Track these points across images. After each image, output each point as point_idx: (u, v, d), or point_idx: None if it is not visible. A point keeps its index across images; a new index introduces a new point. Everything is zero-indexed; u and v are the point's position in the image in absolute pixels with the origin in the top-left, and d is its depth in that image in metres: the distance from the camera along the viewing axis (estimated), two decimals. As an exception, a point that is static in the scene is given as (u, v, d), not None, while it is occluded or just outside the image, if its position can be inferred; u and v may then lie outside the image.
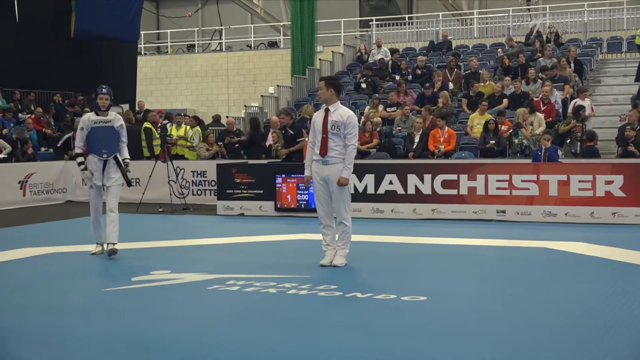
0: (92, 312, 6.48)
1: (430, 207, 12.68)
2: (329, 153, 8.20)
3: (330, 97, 8.28)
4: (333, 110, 8.27)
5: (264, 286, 7.31)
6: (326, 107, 8.30)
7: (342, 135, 8.18)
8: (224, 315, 6.32)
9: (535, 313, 6.15)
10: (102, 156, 9.23)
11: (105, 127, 9.23)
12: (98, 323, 6.07)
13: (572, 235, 10.54)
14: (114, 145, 9.28)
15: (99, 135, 9.22)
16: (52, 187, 16.77)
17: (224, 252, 9.87)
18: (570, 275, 7.84)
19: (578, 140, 15.03)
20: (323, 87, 8.32)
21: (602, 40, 21.92)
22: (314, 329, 5.79)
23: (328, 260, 8.33)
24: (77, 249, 10.03)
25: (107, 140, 9.24)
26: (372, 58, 22.72)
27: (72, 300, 6.97)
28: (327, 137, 8.19)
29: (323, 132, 8.24)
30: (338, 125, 8.19)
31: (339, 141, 8.20)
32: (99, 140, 9.22)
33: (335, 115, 8.23)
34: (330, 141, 8.19)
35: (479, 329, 5.70)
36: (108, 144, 9.26)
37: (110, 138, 9.25)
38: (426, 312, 6.30)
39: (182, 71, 29.43)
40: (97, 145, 9.24)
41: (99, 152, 9.24)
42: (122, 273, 8.24)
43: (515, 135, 15.02)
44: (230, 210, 13.78)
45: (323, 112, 8.31)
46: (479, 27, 26.31)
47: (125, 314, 6.40)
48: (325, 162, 8.23)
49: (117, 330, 5.82)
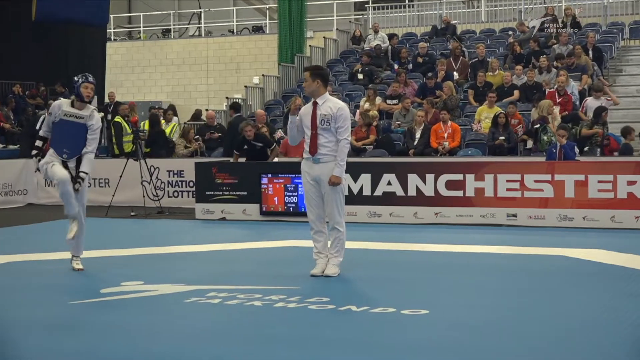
0: (56, 327, 6.48)
1: (433, 210, 12.71)
2: (320, 150, 8.21)
3: (317, 88, 8.28)
4: (321, 103, 8.28)
5: (248, 298, 7.31)
6: (314, 100, 8.32)
7: (333, 130, 8.21)
8: (203, 330, 6.32)
9: (550, 328, 6.17)
10: (61, 156, 8.71)
11: (75, 124, 8.67)
12: (63, 340, 6.07)
13: (590, 242, 10.59)
14: (78, 146, 8.71)
15: (64, 130, 8.68)
16: (10, 188, 16.72)
17: (203, 260, 9.88)
18: (589, 286, 7.87)
19: (599, 145, 14.99)
20: (308, 78, 8.31)
21: (623, 25, 21.98)
22: (304, 346, 5.81)
23: (319, 269, 8.35)
24: (39, 257, 10.02)
25: (72, 138, 8.69)
26: (368, 44, 22.75)
27: (34, 314, 6.96)
28: (317, 133, 8.21)
29: (312, 127, 8.25)
30: (328, 119, 8.20)
31: (331, 137, 8.22)
32: (63, 136, 8.72)
33: (324, 108, 8.25)
34: (321, 137, 8.21)
35: (486, 346, 5.72)
36: (73, 144, 8.70)
37: (78, 137, 8.69)
38: (428, 327, 6.32)
39: (157, 59, 29.39)
40: (59, 142, 8.74)
41: (60, 150, 8.72)
42: (90, 284, 8.24)
43: (543, 130, 14.94)
44: (210, 214, 13.78)
45: (311, 106, 8.32)
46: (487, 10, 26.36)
47: (93, 329, 6.39)
48: (317, 161, 8.25)
49: (84, 348, 5.82)
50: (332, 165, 8.21)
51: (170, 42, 30.22)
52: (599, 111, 15.34)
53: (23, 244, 11.43)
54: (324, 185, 8.27)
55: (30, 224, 13.60)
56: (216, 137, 17.34)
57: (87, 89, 8.64)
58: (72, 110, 8.70)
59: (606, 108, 15.62)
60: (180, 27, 33.12)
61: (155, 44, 30.07)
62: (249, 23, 31.36)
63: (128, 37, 33.12)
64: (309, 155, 8.31)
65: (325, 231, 8.41)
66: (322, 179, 8.26)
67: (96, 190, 15.95)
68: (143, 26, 32.20)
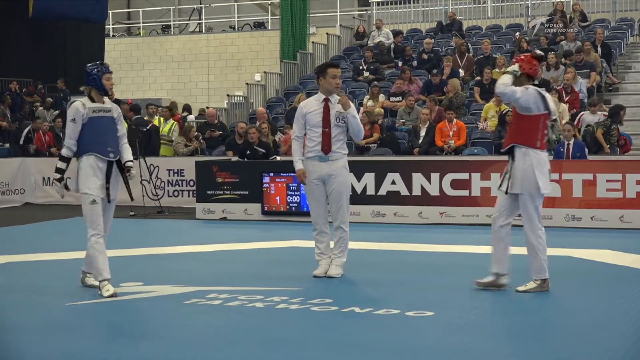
0: (54, 329, 6.48)
1: (438, 210, 12.70)
2: (333, 148, 8.29)
3: None
4: (334, 100, 8.37)
5: (249, 300, 7.32)
6: (326, 98, 8.37)
7: (345, 128, 8.34)
8: (203, 333, 6.33)
9: (556, 329, 6.17)
10: (108, 156, 7.80)
11: (106, 118, 7.85)
12: (60, 342, 6.07)
13: (598, 242, 10.58)
14: (117, 142, 7.92)
15: (99, 127, 7.79)
16: (7, 187, 16.74)
17: (204, 261, 9.88)
18: (597, 288, 7.87)
19: (617, 145, 14.89)
20: (338, 75, 8.41)
21: (633, 21, 21.95)
22: (307, 349, 5.81)
23: (322, 270, 8.34)
24: (37, 257, 10.03)
25: (110, 134, 7.87)
26: (371, 41, 22.75)
27: (31, 316, 6.96)
28: (330, 131, 8.28)
29: (324, 125, 8.29)
30: (343, 116, 8.31)
31: (342, 134, 8.35)
32: (101, 134, 7.79)
33: (338, 106, 8.34)
34: (334, 134, 8.28)
35: (492, 349, 5.72)
36: (113, 140, 7.87)
37: (113, 132, 7.91)
38: (433, 329, 6.32)
39: (156, 56, 29.40)
40: (99, 142, 7.78)
41: (104, 151, 7.77)
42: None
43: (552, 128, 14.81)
44: (211, 213, 13.79)
45: (321, 103, 8.36)
46: (494, 5, 26.33)
47: (90, 332, 6.40)
48: (326, 159, 8.30)
49: (81, 351, 5.82)
50: (341, 162, 8.32)
51: (170, 38, 30.22)
52: (617, 110, 15.11)
53: (20, 244, 11.44)
54: (330, 184, 8.27)
55: (28, 223, 13.61)
56: (217, 135, 17.34)
57: (109, 80, 7.89)
58: (98, 105, 7.86)
59: (623, 106, 15.44)
60: (180, 23, 33.12)
61: (154, 41, 30.08)
62: (250, 19, 31.35)
63: (127, 34, 33.15)
64: (318, 153, 8.31)
65: (328, 231, 8.40)
66: (331, 176, 8.27)
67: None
68: (142, 22, 32.20)
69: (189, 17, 32.67)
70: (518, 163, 7.53)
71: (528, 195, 7.48)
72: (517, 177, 7.49)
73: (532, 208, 7.50)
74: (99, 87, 7.81)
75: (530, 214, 7.50)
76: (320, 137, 8.28)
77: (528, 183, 7.46)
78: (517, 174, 7.50)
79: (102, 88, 7.81)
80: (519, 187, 7.48)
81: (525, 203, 7.50)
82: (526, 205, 7.50)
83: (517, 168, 7.51)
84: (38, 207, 16.35)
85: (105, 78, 7.80)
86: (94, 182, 7.72)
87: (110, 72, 7.91)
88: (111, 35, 30.32)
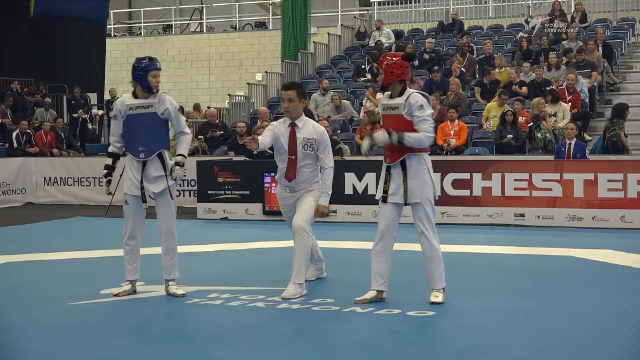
0: (56, 329, 6.49)
1: (439, 210, 12.64)
2: (299, 177, 7.61)
3: (301, 110, 7.64)
4: (301, 125, 7.58)
5: (250, 300, 7.33)
6: (292, 122, 7.59)
7: (314, 156, 7.60)
8: (204, 332, 6.34)
9: (557, 329, 6.18)
10: (138, 156, 7.57)
11: (145, 115, 7.51)
12: (61, 341, 6.08)
13: (600, 242, 10.59)
14: (156, 140, 7.55)
15: (134, 125, 7.53)
16: (9, 187, 16.74)
17: (205, 261, 9.89)
18: (599, 288, 7.87)
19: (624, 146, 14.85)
20: (295, 97, 7.50)
21: (634, 21, 21.95)
22: (308, 348, 5.82)
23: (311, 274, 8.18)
24: (38, 257, 10.04)
25: (146, 132, 7.52)
26: (373, 41, 22.77)
27: (34, 315, 6.97)
28: (297, 159, 7.57)
29: (290, 152, 7.56)
30: (311, 144, 7.54)
31: (311, 163, 7.61)
32: (134, 133, 7.55)
33: (305, 131, 7.56)
34: (300, 163, 7.57)
35: (493, 348, 5.73)
36: (147, 139, 7.52)
37: (152, 129, 7.53)
38: (435, 329, 6.33)
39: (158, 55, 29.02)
40: (131, 141, 7.58)
41: (135, 151, 7.56)
42: (90, 285, 8.25)
43: (537, 128, 15.01)
44: (212, 213, 13.79)
45: (288, 127, 7.60)
46: (495, 5, 26.33)
47: (93, 331, 6.41)
48: (292, 190, 7.71)
49: (84, 350, 5.83)
50: (310, 193, 7.64)
51: (171, 38, 30.23)
52: (621, 108, 15.05)
53: (21, 244, 11.44)
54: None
55: (29, 223, 13.62)
56: (218, 135, 17.35)
57: (156, 77, 7.46)
58: (137, 102, 7.51)
59: (627, 105, 15.38)
60: (181, 22, 33.13)
61: (156, 40, 30.09)
62: (251, 19, 31.38)
63: (128, 33, 33.16)
64: (283, 180, 7.74)
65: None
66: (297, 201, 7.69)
67: (96, 189, 16.00)
68: (144, 22, 32.22)
69: (190, 17, 32.69)
70: (413, 171, 7.18)
71: (428, 202, 7.21)
72: (414, 185, 7.15)
73: (433, 214, 7.22)
74: (143, 83, 7.44)
75: (432, 220, 7.23)
76: (287, 164, 7.61)
77: (428, 190, 7.17)
78: (413, 182, 7.16)
79: (147, 84, 7.43)
80: (418, 196, 7.14)
81: (426, 210, 7.20)
82: (427, 213, 7.21)
83: (413, 176, 7.17)
84: (39, 207, 16.35)
85: (151, 75, 7.42)
86: (128, 182, 7.76)
87: (158, 69, 7.51)
88: (112, 35, 30.34)
